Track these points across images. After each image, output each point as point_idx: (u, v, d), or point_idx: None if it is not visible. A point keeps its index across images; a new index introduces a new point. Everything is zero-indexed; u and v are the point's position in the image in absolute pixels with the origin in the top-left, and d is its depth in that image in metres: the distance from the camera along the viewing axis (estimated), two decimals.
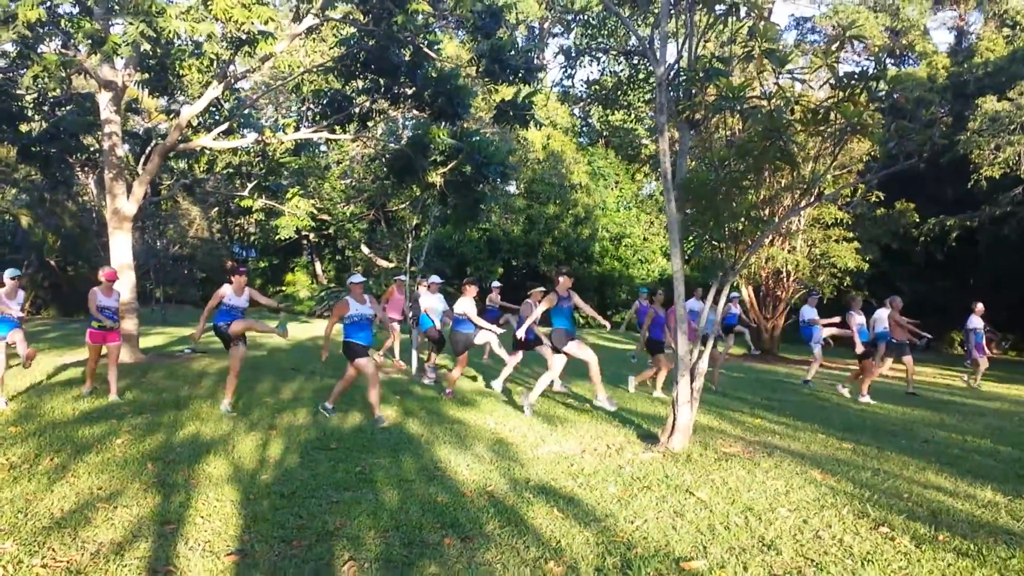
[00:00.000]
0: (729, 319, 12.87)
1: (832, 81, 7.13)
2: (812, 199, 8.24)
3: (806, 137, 7.46)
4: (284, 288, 33.84)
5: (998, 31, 30.98)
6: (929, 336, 13.04)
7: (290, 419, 8.30)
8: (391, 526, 4.86)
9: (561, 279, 8.91)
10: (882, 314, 12.45)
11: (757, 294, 24.67)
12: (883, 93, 7.12)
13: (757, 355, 20.34)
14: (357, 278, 8.64)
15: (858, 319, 12.35)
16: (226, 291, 8.64)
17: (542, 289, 10.21)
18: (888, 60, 36.59)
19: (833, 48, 7.38)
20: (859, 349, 12.13)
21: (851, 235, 23.95)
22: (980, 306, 14.01)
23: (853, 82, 7.06)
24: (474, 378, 12.22)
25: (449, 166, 13.27)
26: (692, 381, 7.41)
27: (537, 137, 31.00)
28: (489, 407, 9.44)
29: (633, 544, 4.62)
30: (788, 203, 8.72)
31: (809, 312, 13.45)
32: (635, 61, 9.97)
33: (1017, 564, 4.33)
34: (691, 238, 8.15)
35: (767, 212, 8.96)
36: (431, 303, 11.66)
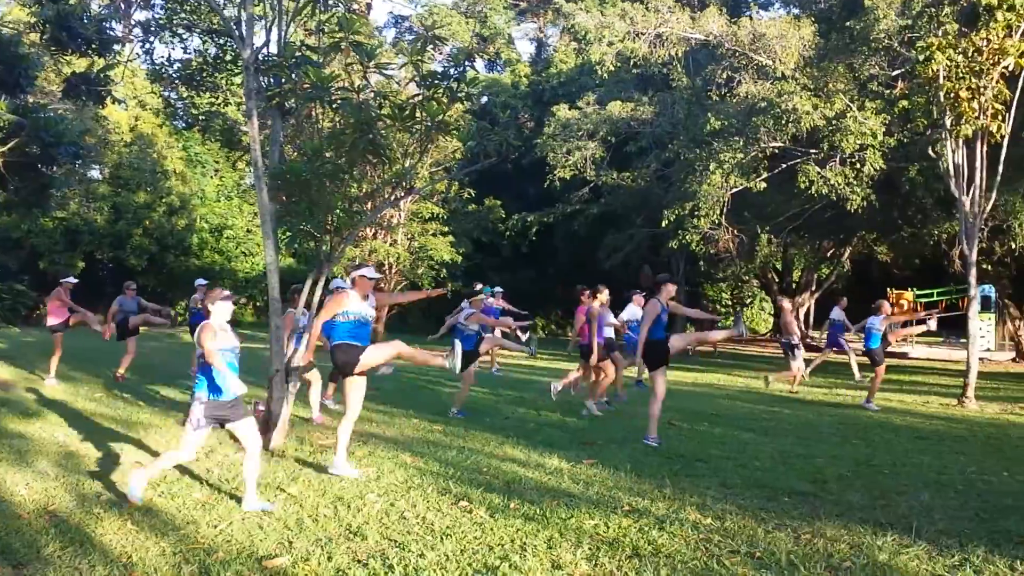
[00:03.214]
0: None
1: (418, 79, 7.44)
2: (404, 193, 8.54)
3: (399, 132, 7.68)
4: None
5: (569, 45, 34.82)
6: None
7: None
8: None
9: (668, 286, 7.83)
10: (875, 321, 11.49)
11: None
12: (464, 94, 7.60)
13: None
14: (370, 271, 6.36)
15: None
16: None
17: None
18: (477, 65, 39.56)
19: (419, 47, 7.69)
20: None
21: (446, 230, 25.51)
22: (844, 300, 13.93)
23: (436, 82, 7.45)
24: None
25: (9, 145, 11.48)
26: (287, 377, 7.25)
27: (124, 118, 28.20)
28: (57, 419, 8.29)
29: (214, 549, 4.36)
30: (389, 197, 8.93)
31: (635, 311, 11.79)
32: (222, 41, 9.42)
33: (575, 523, 4.87)
34: (286, 229, 7.97)
35: (369, 205, 9.07)
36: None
